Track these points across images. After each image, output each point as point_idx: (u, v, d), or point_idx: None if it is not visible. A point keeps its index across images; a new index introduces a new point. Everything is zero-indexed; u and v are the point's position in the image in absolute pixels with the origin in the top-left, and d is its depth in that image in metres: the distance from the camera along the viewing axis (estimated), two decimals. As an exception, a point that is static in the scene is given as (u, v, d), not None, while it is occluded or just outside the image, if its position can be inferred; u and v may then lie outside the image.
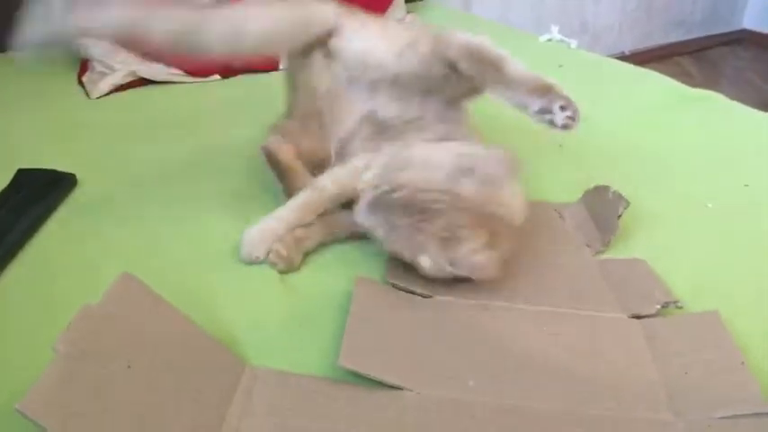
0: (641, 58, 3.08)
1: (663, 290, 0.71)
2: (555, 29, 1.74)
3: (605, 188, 0.85)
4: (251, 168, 0.91)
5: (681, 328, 0.67)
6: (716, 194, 0.94)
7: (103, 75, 1.29)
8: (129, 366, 0.54)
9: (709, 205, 0.92)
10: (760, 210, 0.90)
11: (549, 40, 1.73)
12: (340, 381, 0.59)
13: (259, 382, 0.58)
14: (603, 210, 0.84)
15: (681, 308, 0.69)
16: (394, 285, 0.72)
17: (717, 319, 0.66)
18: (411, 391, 0.57)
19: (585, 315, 0.69)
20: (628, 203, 0.81)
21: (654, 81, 1.45)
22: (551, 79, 0.74)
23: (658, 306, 0.68)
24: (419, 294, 0.71)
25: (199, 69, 1.37)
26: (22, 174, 0.88)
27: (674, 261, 0.79)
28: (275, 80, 1.16)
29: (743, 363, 0.60)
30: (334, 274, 0.75)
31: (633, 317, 0.68)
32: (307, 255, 0.76)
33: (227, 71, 1.40)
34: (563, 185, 0.96)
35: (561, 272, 0.77)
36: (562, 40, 1.72)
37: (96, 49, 1.31)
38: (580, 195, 0.91)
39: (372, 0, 1.34)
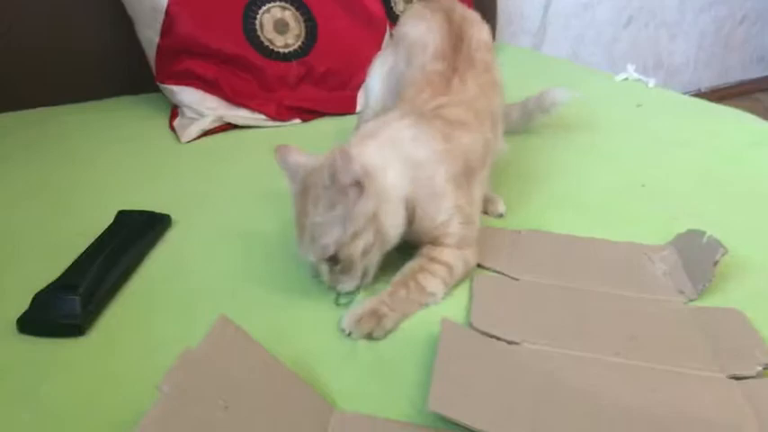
0: (719, 94, 3.00)
1: (763, 348, 0.68)
2: (631, 68, 1.72)
3: (699, 233, 0.82)
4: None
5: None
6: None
7: (193, 120, 1.36)
8: (226, 407, 0.55)
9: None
10: None
11: (626, 79, 1.71)
12: (426, 426, 0.59)
13: (347, 426, 0.59)
14: (697, 255, 0.81)
15: None
16: (479, 331, 0.71)
17: None
18: (501, 439, 0.56)
19: (682, 372, 0.66)
20: (726, 250, 0.77)
21: (737, 119, 1.42)
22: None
23: (760, 368, 0.65)
24: (505, 341, 0.70)
25: (281, 114, 1.43)
26: (122, 215, 0.92)
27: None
28: (352, 122, 1.19)
29: None
30: (414, 316, 0.76)
31: (732, 377, 0.65)
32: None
33: (307, 116, 1.45)
34: (648, 225, 0.94)
35: (654, 322, 0.75)
36: (639, 79, 1.69)
37: (186, 97, 1.39)
38: (666, 236, 0.89)
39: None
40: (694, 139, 1.30)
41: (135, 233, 0.88)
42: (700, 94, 2.95)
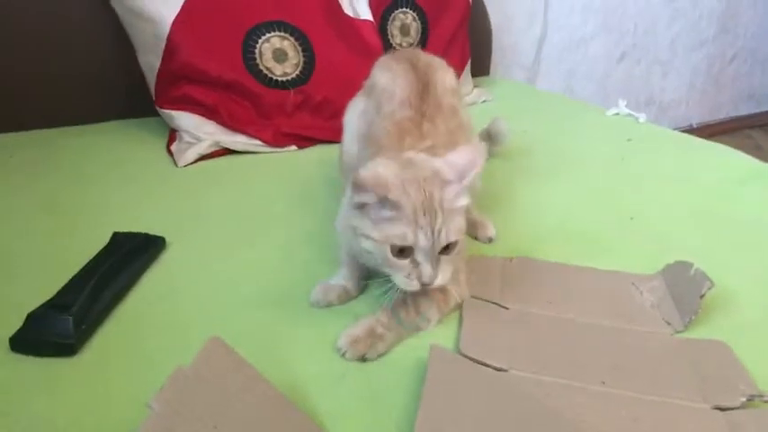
0: (710, 130, 3.05)
1: (747, 380, 0.69)
2: (622, 103, 1.75)
3: (687, 265, 0.84)
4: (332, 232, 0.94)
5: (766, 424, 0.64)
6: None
7: (190, 145, 1.37)
8: (215, 427, 0.56)
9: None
10: None
11: (617, 114, 1.74)
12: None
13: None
14: (684, 288, 0.82)
15: (767, 402, 0.66)
16: (468, 357, 0.72)
17: None
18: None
19: (666, 402, 0.67)
20: (712, 284, 0.79)
21: (725, 155, 1.44)
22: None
23: (743, 399, 0.66)
24: (494, 368, 0.71)
25: (277, 140, 1.45)
26: (117, 236, 0.93)
27: (754, 341, 0.77)
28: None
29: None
30: (404, 341, 0.77)
31: (716, 408, 0.66)
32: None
33: (304, 142, 1.48)
34: (636, 258, 0.96)
35: (640, 353, 0.76)
36: (630, 115, 1.73)
37: (184, 121, 1.41)
38: (653, 269, 0.91)
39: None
40: (682, 173, 1.32)
41: (129, 254, 0.89)
42: (691, 130, 3.00)
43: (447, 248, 0.74)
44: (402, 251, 0.72)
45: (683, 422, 0.65)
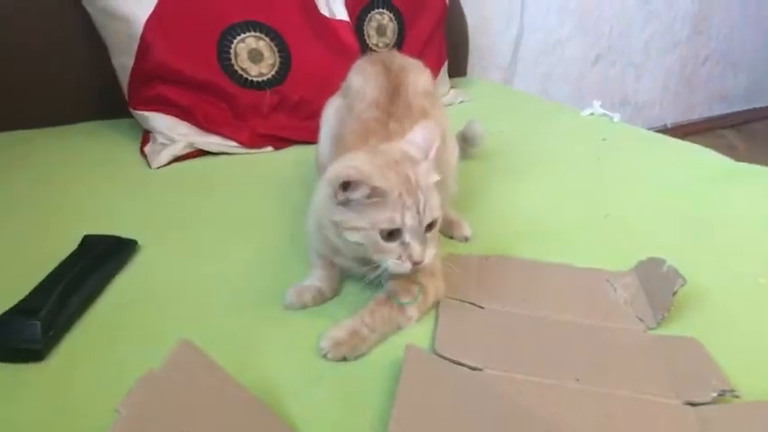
0: (684, 130, 3.09)
1: (719, 376, 0.70)
2: (597, 103, 1.77)
3: (660, 261, 0.85)
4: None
5: (737, 418, 0.65)
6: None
7: (164, 146, 1.36)
8: (185, 432, 0.55)
9: (761, 280, 0.91)
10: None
11: (592, 114, 1.76)
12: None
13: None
14: (657, 284, 0.83)
15: (737, 397, 0.67)
16: (443, 357, 0.72)
17: None
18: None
19: (639, 398, 0.67)
20: (684, 281, 0.80)
21: (700, 155, 1.46)
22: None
23: (714, 394, 0.67)
24: (469, 367, 0.71)
25: (253, 141, 1.44)
26: (88, 239, 0.91)
27: (726, 338, 0.78)
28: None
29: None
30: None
31: (687, 404, 0.67)
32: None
33: (280, 143, 1.47)
34: (610, 255, 0.96)
35: (614, 350, 0.76)
36: (604, 114, 1.75)
37: (158, 123, 1.39)
38: (628, 265, 0.92)
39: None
40: (656, 172, 1.34)
41: (100, 258, 0.87)
42: (666, 130, 3.05)
43: (430, 226, 0.76)
44: (391, 234, 0.74)
45: (656, 418, 0.65)
